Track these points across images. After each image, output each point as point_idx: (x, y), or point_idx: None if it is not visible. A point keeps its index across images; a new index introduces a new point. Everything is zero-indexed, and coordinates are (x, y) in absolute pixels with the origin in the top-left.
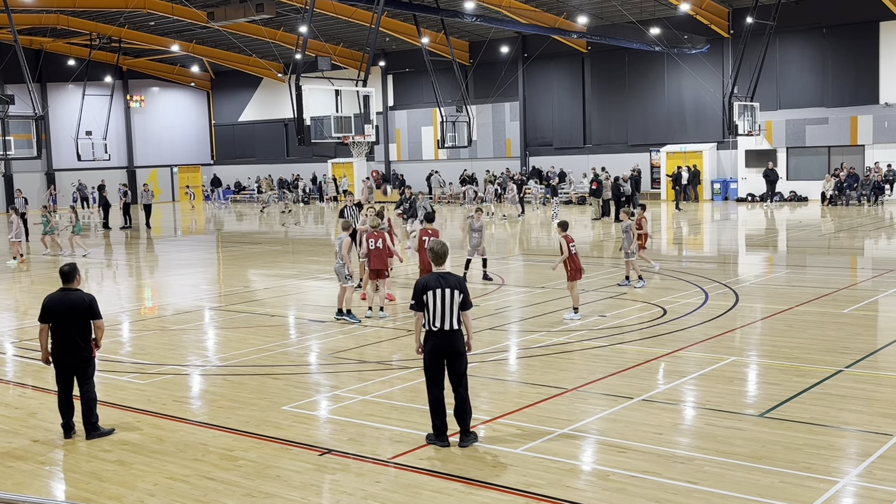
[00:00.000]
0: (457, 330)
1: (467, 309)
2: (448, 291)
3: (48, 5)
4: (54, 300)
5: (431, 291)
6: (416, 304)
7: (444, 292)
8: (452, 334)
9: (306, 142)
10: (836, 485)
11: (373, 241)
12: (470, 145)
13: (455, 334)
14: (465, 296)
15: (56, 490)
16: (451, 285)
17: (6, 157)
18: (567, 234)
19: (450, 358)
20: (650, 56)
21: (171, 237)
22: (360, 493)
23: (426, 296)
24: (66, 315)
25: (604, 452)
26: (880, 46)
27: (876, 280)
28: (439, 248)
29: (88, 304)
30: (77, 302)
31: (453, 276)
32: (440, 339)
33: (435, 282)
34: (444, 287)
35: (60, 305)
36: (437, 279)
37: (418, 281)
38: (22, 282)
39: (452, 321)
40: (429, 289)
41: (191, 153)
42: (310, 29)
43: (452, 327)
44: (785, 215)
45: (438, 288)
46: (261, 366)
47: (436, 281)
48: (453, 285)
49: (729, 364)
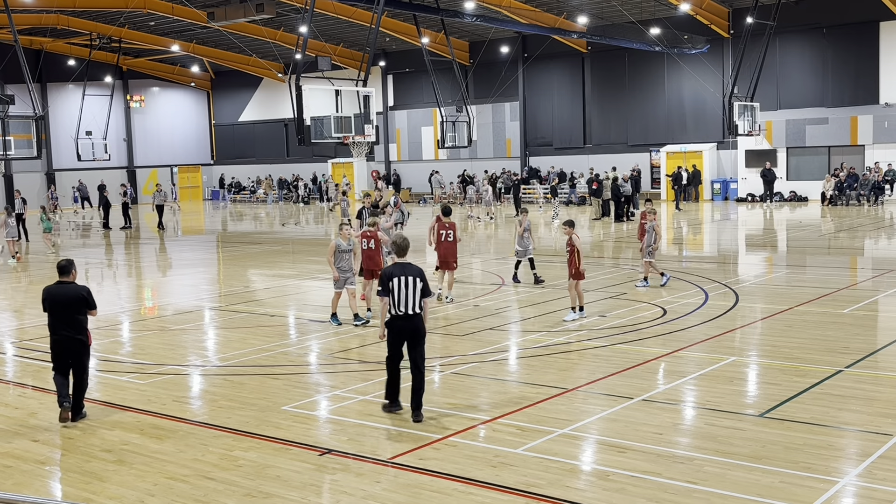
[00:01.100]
0: (417, 314)
1: (427, 296)
2: (410, 279)
3: (48, 5)
4: (52, 291)
5: (396, 279)
6: (383, 291)
7: (406, 280)
8: (414, 318)
9: (306, 142)
10: (836, 485)
11: (366, 242)
12: (470, 145)
13: (416, 318)
14: (424, 284)
15: (56, 490)
16: (413, 274)
17: (6, 157)
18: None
19: (410, 339)
20: (650, 56)
21: (171, 237)
22: (360, 493)
23: (391, 283)
24: (62, 305)
25: (604, 452)
26: (880, 46)
27: (876, 280)
28: (401, 241)
29: (84, 295)
30: (72, 293)
31: (414, 266)
32: (403, 323)
33: (398, 271)
34: (407, 276)
35: (57, 296)
36: (400, 269)
37: (383, 270)
38: (21, 281)
39: (414, 306)
40: (393, 277)
41: (191, 153)
42: (310, 29)
43: (414, 311)
44: (785, 215)
45: (402, 276)
46: (261, 366)
47: (399, 270)
48: (414, 274)
49: (729, 364)
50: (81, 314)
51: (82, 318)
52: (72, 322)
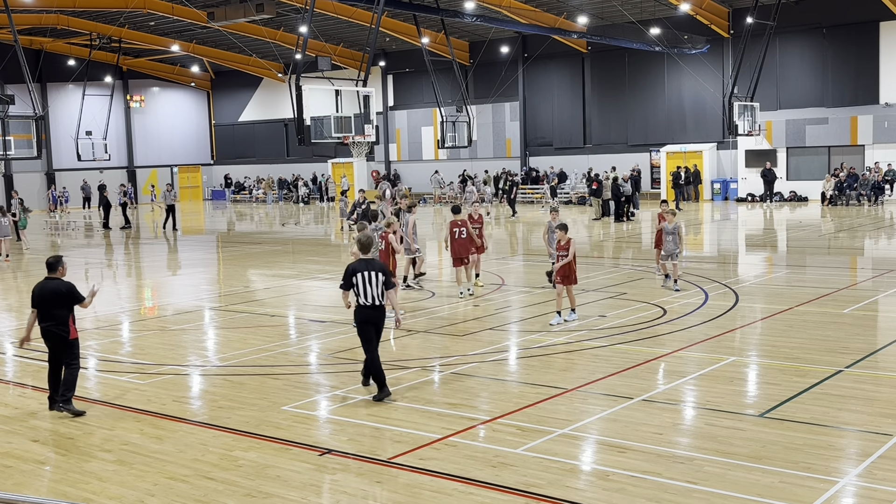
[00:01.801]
0: (380, 305)
1: (390, 288)
2: (373, 274)
3: (48, 5)
4: (38, 287)
5: (360, 274)
6: (345, 285)
7: (369, 275)
8: (377, 308)
9: (306, 142)
10: (836, 485)
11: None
12: (470, 145)
13: (379, 308)
14: (387, 277)
15: (56, 490)
16: (375, 269)
17: (6, 157)
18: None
19: (375, 326)
20: (650, 56)
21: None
22: (360, 493)
23: (355, 278)
24: (47, 300)
25: (604, 452)
26: (880, 46)
27: (876, 280)
28: (365, 239)
29: (67, 290)
30: (54, 288)
31: (377, 262)
32: (370, 312)
33: (362, 266)
34: (370, 271)
35: (43, 291)
36: (364, 265)
37: (348, 266)
38: (19, 280)
39: (377, 298)
40: (357, 272)
41: (191, 153)
42: (310, 29)
43: (377, 303)
44: (785, 215)
45: (365, 271)
46: (261, 366)
47: (363, 266)
48: (377, 269)
49: (729, 364)
50: (63, 309)
51: (64, 313)
52: (53, 316)
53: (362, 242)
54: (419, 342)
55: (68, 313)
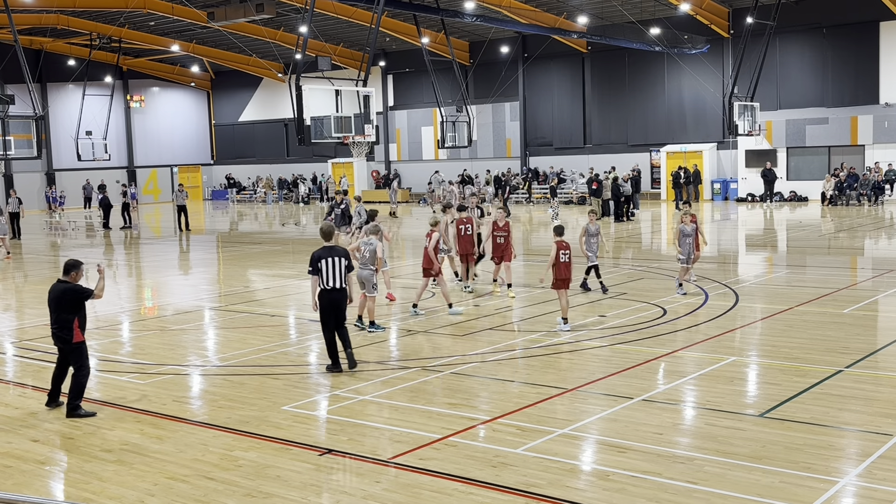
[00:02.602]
0: (343, 288)
1: (350, 272)
2: (336, 259)
3: (48, 5)
4: (50, 289)
5: (324, 260)
6: (313, 270)
7: (332, 261)
8: (340, 291)
9: (306, 142)
10: (836, 485)
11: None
12: (470, 145)
13: (342, 291)
14: (348, 262)
15: (56, 490)
16: (338, 255)
17: (6, 157)
18: (562, 239)
19: (337, 309)
20: (650, 56)
21: (171, 237)
22: (360, 493)
23: (320, 263)
24: (52, 303)
25: (604, 452)
26: (880, 46)
27: (876, 280)
28: (326, 227)
29: (70, 292)
30: (58, 292)
31: (339, 248)
32: (331, 295)
33: (326, 253)
34: (333, 257)
35: (49, 294)
36: (327, 251)
37: (313, 253)
38: (17, 280)
39: (340, 282)
40: (322, 258)
41: (191, 153)
42: (310, 29)
43: (340, 286)
44: (785, 215)
45: (329, 257)
46: (261, 366)
47: (327, 252)
48: (339, 255)
49: (729, 364)
50: (65, 312)
51: (67, 317)
52: (56, 319)
53: (324, 231)
54: (419, 342)
55: (72, 317)
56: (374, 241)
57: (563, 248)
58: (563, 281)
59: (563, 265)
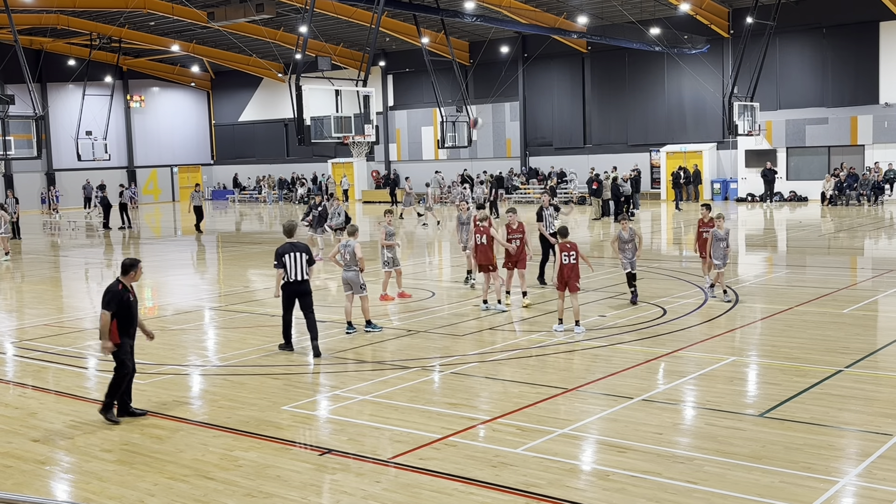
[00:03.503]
0: (305, 280)
1: (311, 265)
2: (298, 254)
3: (48, 5)
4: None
5: (287, 255)
6: (278, 264)
7: (295, 255)
8: (302, 283)
9: (306, 142)
10: (836, 485)
11: (479, 237)
12: (470, 145)
13: (304, 283)
14: (309, 256)
15: (56, 490)
16: (300, 250)
17: (6, 157)
18: (565, 241)
19: (301, 298)
20: (650, 56)
21: (171, 237)
22: (360, 493)
23: (285, 258)
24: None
25: (604, 452)
26: (880, 46)
27: (876, 280)
28: (288, 224)
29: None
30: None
31: (301, 244)
32: (295, 287)
33: (289, 248)
34: (295, 252)
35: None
36: (290, 246)
37: (277, 249)
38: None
39: (302, 274)
40: (285, 253)
41: (191, 153)
42: (310, 29)
43: (302, 278)
44: (785, 215)
45: (292, 252)
46: (261, 366)
47: (290, 248)
48: (301, 250)
49: (729, 364)
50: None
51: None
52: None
53: (286, 227)
54: (419, 342)
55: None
56: (353, 242)
57: (566, 250)
58: (562, 283)
59: (565, 267)
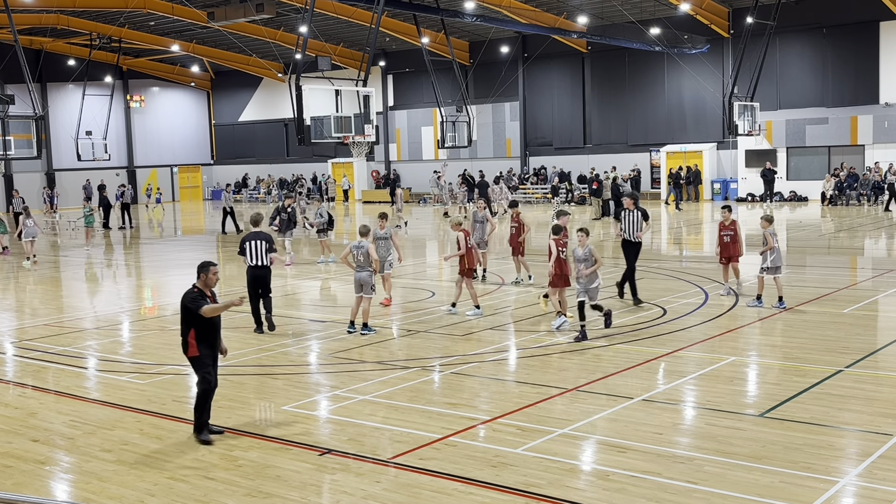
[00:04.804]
0: (266, 266)
1: (272, 252)
2: (259, 242)
3: (48, 5)
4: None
5: (250, 242)
6: (241, 251)
7: (257, 243)
8: (263, 269)
9: (306, 142)
10: (836, 485)
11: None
12: (470, 145)
13: (265, 269)
14: (270, 245)
15: (56, 490)
16: (262, 238)
17: (6, 157)
18: (559, 237)
19: (261, 284)
20: (650, 56)
21: (171, 237)
22: (360, 493)
23: (247, 245)
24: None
25: (604, 452)
26: (880, 46)
27: (876, 280)
28: (255, 216)
29: (184, 301)
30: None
31: (264, 233)
32: (255, 271)
33: (252, 236)
34: (258, 239)
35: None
36: (253, 235)
37: (242, 237)
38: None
39: (263, 261)
40: (248, 241)
41: (191, 153)
42: (310, 29)
43: (263, 264)
44: (785, 215)
45: (254, 240)
46: (261, 366)
47: (253, 236)
48: (263, 239)
49: (729, 364)
50: (183, 323)
51: (183, 328)
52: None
53: (253, 219)
54: (419, 342)
55: (187, 328)
56: (366, 243)
57: (562, 245)
58: (559, 278)
59: (563, 262)
